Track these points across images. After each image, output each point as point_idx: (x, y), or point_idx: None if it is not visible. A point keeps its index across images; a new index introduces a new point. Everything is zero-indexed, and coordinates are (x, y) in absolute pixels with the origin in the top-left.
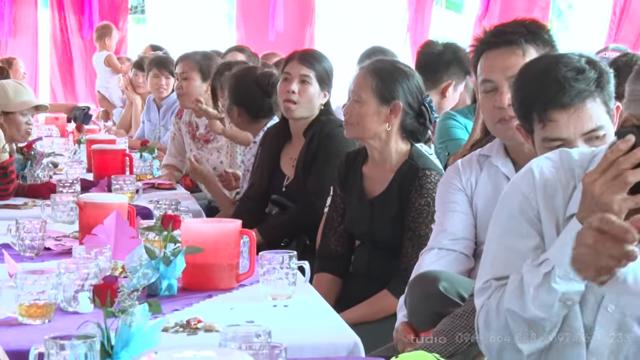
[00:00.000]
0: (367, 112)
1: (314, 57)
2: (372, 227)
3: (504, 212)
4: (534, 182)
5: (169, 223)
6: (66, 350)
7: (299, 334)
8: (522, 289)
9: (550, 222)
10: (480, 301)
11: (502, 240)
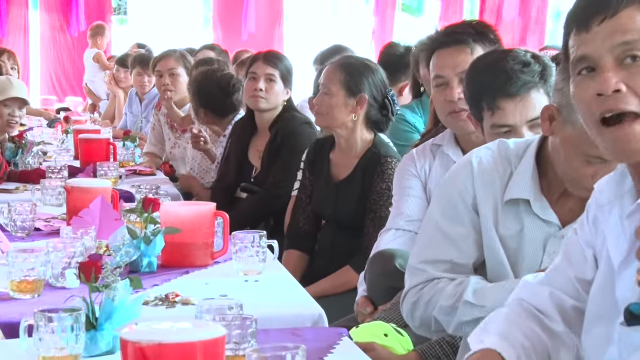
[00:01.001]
0: (336, 103)
1: (278, 57)
2: (338, 208)
3: (442, 198)
4: (472, 172)
5: (149, 206)
6: (54, 322)
7: (268, 307)
8: (453, 314)
9: (489, 208)
10: (412, 282)
11: (438, 225)
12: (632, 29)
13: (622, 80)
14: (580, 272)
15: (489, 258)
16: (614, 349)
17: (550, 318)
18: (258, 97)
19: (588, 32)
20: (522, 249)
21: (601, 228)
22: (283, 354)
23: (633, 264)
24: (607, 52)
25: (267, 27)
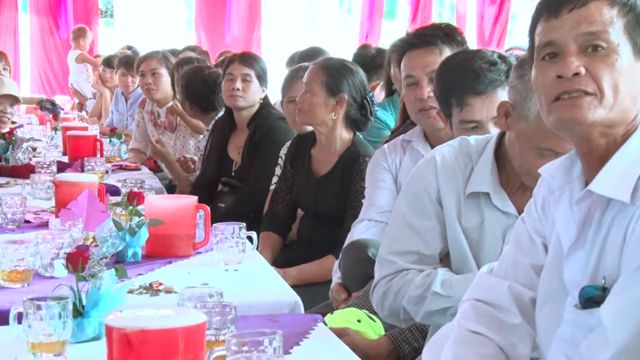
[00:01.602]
0: (317, 102)
1: (252, 58)
2: (317, 201)
3: (408, 193)
4: (435, 167)
5: (134, 199)
6: (42, 310)
7: (247, 295)
8: (421, 303)
9: (451, 201)
10: (381, 273)
11: (405, 219)
12: (597, 20)
13: (583, 64)
14: (533, 259)
15: (453, 249)
16: (564, 329)
17: (508, 312)
18: (236, 96)
19: (557, 18)
20: (483, 240)
21: (550, 213)
22: (260, 339)
23: (581, 247)
24: (572, 39)
25: (246, 30)
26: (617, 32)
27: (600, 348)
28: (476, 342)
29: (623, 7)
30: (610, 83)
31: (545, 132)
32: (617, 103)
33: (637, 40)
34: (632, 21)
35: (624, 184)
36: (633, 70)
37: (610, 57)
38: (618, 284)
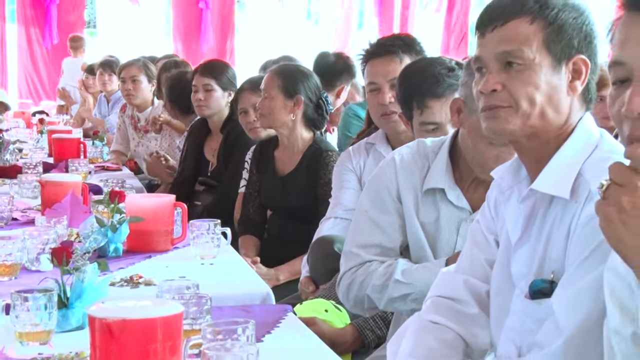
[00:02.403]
0: (276, 105)
1: (213, 68)
2: (284, 199)
3: (371, 191)
4: (395, 167)
5: (115, 197)
6: (29, 301)
7: (222, 287)
8: (384, 291)
9: (410, 198)
10: (347, 265)
11: (368, 214)
12: (513, 39)
13: (502, 81)
14: (488, 255)
15: (412, 241)
16: (513, 318)
17: (465, 303)
18: (201, 106)
19: (484, 37)
20: (439, 233)
21: (501, 211)
22: (234, 328)
23: (527, 242)
24: (493, 57)
25: (220, 40)
26: (534, 47)
27: (554, 335)
28: (436, 329)
29: (542, 21)
30: (525, 95)
31: None
32: (534, 113)
33: (557, 52)
34: (551, 35)
35: (564, 182)
36: (551, 81)
37: (525, 72)
38: (565, 276)
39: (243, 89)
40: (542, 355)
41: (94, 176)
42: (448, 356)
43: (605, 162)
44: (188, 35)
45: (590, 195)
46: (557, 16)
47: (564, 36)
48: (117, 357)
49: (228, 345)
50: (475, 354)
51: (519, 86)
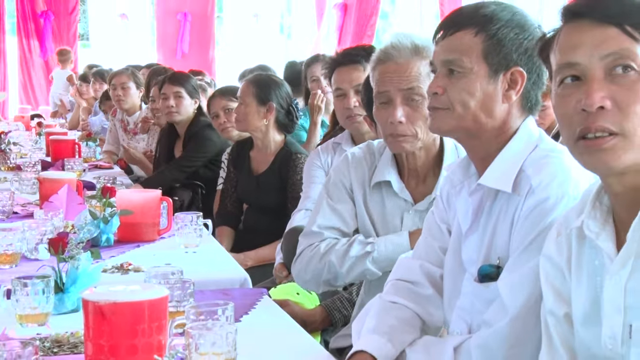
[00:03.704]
0: (250, 111)
1: (181, 77)
2: (259, 196)
3: (330, 183)
4: (348, 164)
5: (107, 193)
6: (28, 287)
7: (204, 272)
8: (346, 254)
9: (360, 191)
10: (308, 242)
11: (328, 202)
12: (455, 49)
13: (444, 85)
14: (441, 242)
15: (362, 229)
16: (464, 299)
17: (421, 285)
18: (171, 112)
19: (437, 44)
20: (386, 222)
21: (453, 203)
22: (215, 309)
23: (476, 231)
24: (440, 64)
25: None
26: (473, 58)
27: (500, 314)
28: (395, 309)
29: (483, 35)
30: (459, 100)
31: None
32: (467, 115)
33: (494, 63)
34: (489, 48)
35: (507, 178)
36: (486, 89)
37: (463, 79)
38: (509, 262)
39: (214, 95)
40: (490, 332)
41: (88, 174)
42: (407, 332)
43: (543, 159)
44: (171, 45)
45: (531, 189)
46: (498, 31)
47: (502, 49)
48: (109, 336)
49: (209, 325)
50: (431, 331)
51: (456, 92)
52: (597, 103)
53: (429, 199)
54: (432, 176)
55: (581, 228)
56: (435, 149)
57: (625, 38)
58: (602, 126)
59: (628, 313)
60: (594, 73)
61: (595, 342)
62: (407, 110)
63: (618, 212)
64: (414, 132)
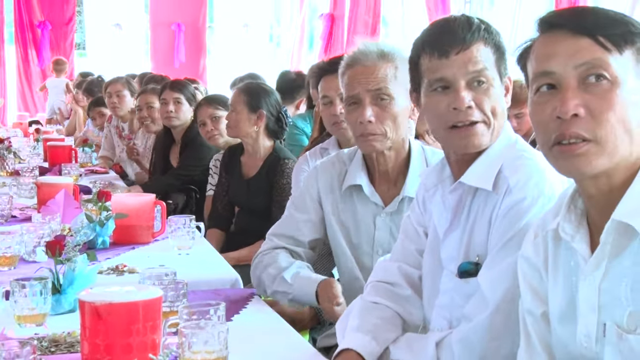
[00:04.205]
0: (241, 118)
1: (181, 84)
2: (249, 199)
3: (296, 193)
4: (316, 174)
5: (103, 197)
6: (26, 288)
7: (196, 273)
8: (273, 282)
9: (329, 198)
10: (262, 247)
11: (289, 210)
12: (479, 60)
13: (472, 98)
14: (418, 245)
15: (330, 236)
16: (443, 297)
17: (400, 286)
18: (170, 117)
19: (448, 58)
20: (359, 226)
21: (428, 206)
22: (207, 309)
23: (455, 229)
24: (462, 76)
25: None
26: (491, 68)
27: (481, 308)
28: (377, 309)
29: (492, 46)
30: (490, 111)
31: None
32: (497, 125)
33: (501, 71)
34: (498, 57)
35: (487, 176)
36: (502, 96)
37: (490, 89)
38: (488, 259)
39: (201, 104)
40: (470, 327)
41: (84, 178)
42: (390, 330)
43: (518, 160)
44: (163, 55)
45: (509, 189)
46: (498, 40)
47: (503, 57)
48: (104, 336)
49: (202, 324)
50: (411, 329)
51: (488, 103)
52: (572, 111)
53: (397, 200)
54: (402, 179)
55: (557, 230)
56: (405, 152)
57: (597, 48)
58: (576, 133)
59: (602, 312)
60: (568, 82)
61: (571, 340)
62: (376, 110)
63: (592, 215)
64: (384, 130)
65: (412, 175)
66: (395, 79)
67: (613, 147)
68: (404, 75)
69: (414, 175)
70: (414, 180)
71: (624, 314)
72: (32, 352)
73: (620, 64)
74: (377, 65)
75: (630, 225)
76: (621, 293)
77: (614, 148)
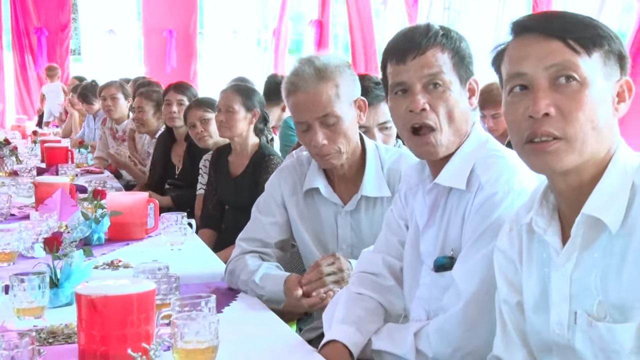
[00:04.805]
0: (238, 118)
1: (184, 87)
2: (236, 196)
3: (261, 198)
4: (279, 178)
5: (98, 195)
6: (25, 282)
7: (188, 268)
8: (247, 287)
9: (292, 201)
10: (233, 253)
11: (255, 215)
12: (433, 64)
13: (428, 101)
14: (400, 237)
15: (297, 238)
16: (423, 289)
17: (383, 277)
18: (174, 117)
19: (405, 64)
20: (323, 226)
21: (410, 202)
22: (198, 301)
23: (432, 226)
24: (417, 80)
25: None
26: (448, 72)
27: (455, 300)
28: (361, 300)
29: (449, 51)
30: (445, 113)
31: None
32: (454, 128)
33: (461, 75)
34: (456, 61)
35: (460, 176)
36: (462, 99)
37: (446, 92)
38: (462, 253)
39: (191, 107)
40: (446, 317)
41: (80, 178)
42: (373, 321)
43: (490, 159)
44: (156, 60)
45: (480, 186)
46: (456, 45)
47: (464, 62)
48: (100, 327)
49: (193, 315)
50: (393, 318)
51: (443, 106)
52: (543, 110)
53: (356, 198)
54: (360, 178)
55: (530, 224)
56: (359, 153)
57: (567, 51)
58: (547, 131)
59: (573, 301)
60: (539, 82)
61: (544, 328)
62: (327, 133)
63: (563, 210)
64: (337, 149)
65: (369, 174)
66: (338, 98)
67: (582, 145)
68: (345, 87)
69: (370, 174)
70: (371, 179)
71: (594, 303)
72: (31, 343)
73: (589, 65)
74: (317, 89)
75: (599, 219)
76: (591, 283)
77: (583, 145)
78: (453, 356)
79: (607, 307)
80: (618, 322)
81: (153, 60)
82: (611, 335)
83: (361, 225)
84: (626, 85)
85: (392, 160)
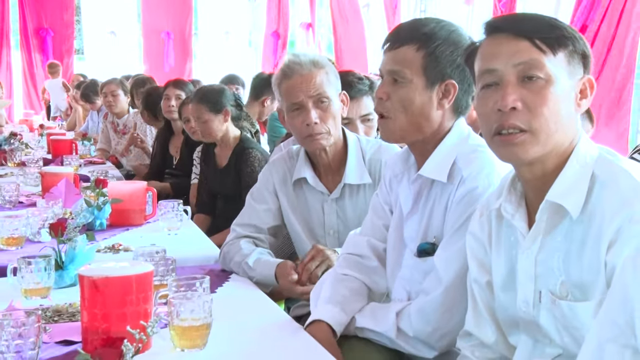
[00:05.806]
0: (212, 124)
1: (182, 83)
2: (222, 186)
3: (255, 187)
4: (271, 169)
5: (100, 184)
6: (32, 265)
7: (184, 251)
8: (240, 269)
9: (283, 191)
10: (228, 238)
11: (249, 202)
12: (399, 61)
13: (387, 91)
14: (385, 220)
15: (289, 227)
16: (405, 271)
17: (368, 258)
18: (172, 111)
19: (384, 54)
20: (311, 213)
21: (395, 188)
22: (193, 282)
23: (415, 214)
24: (386, 72)
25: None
26: (413, 70)
27: (436, 285)
28: (346, 280)
29: (424, 52)
30: (399, 107)
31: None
32: (407, 119)
33: (430, 77)
34: (428, 63)
35: (442, 169)
36: (423, 98)
37: (404, 89)
38: (443, 240)
39: (185, 102)
40: (427, 300)
41: (84, 168)
42: (357, 301)
43: (472, 154)
44: (155, 59)
45: (462, 179)
46: (436, 49)
47: (438, 65)
48: (102, 306)
49: (189, 295)
50: (376, 297)
51: (398, 99)
52: (510, 104)
53: (340, 187)
54: (342, 168)
55: (499, 210)
56: (341, 143)
57: (534, 50)
58: (514, 124)
59: (538, 281)
60: (508, 79)
61: (511, 305)
62: (319, 112)
63: (529, 197)
64: (327, 129)
65: (350, 164)
66: (329, 83)
67: (546, 137)
68: (333, 78)
69: (352, 163)
70: (353, 168)
71: (557, 283)
72: (37, 321)
73: (554, 64)
74: (312, 72)
75: (561, 205)
76: (554, 265)
77: (547, 138)
78: (432, 335)
79: (569, 287)
80: (579, 300)
81: (152, 60)
82: (572, 313)
83: (346, 211)
84: (588, 83)
85: (373, 150)
